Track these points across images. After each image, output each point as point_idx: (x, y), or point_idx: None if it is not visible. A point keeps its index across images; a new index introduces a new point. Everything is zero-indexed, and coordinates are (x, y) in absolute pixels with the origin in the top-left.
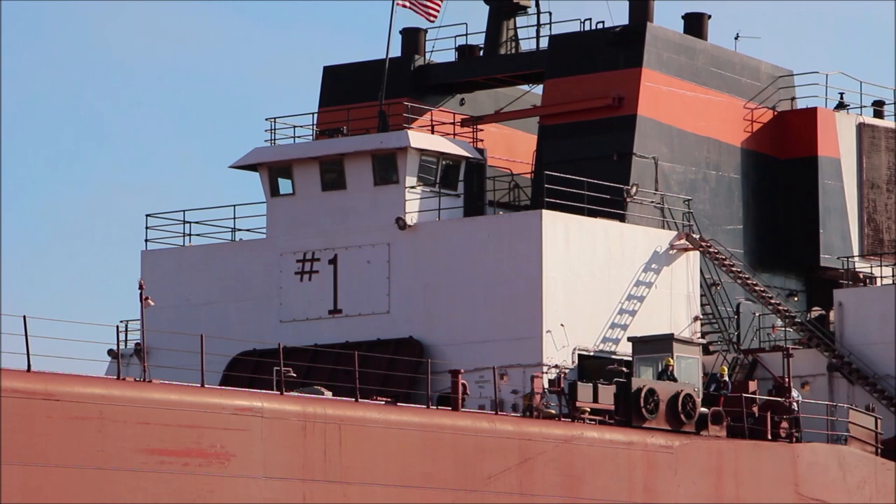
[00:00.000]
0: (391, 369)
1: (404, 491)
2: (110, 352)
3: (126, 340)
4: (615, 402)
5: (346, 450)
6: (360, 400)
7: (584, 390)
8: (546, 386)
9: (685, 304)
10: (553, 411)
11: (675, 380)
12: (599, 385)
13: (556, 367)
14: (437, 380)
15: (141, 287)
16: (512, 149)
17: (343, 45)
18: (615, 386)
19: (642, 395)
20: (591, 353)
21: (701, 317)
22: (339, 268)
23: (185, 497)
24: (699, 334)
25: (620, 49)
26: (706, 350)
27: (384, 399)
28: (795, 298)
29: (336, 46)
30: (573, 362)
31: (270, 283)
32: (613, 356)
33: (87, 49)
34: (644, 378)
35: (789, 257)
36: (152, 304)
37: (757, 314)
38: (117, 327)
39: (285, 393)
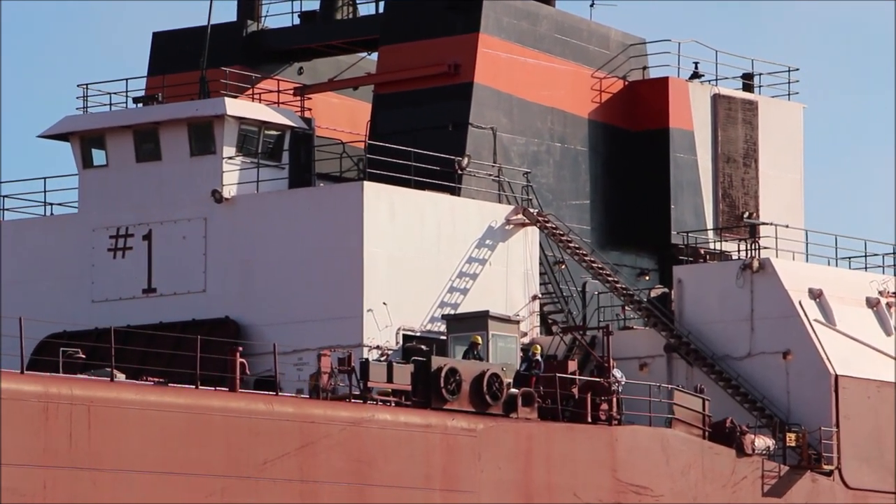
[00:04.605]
0: (206, 351)
1: (166, 478)
2: None
3: None
4: (413, 383)
5: (97, 434)
6: (115, 380)
7: (377, 369)
8: (335, 365)
9: (522, 283)
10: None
11: (481, 359)
12: (395, 364)
13: (378, 347)
14: (255, 362)
15: None
16: (354, 119)
17: (178, 8)
18: (413, 365)
19: (442, 374)
20: (418, 334)
21: (540, 296)
22: (154, 244)
23: None
24: (537, 314)
25: (457, 14)
26: (548, 330)
27: (153, 379)
28: (647, 277)
29: (170, 10)
30: (397, 343)
31: (82, 260)
32: (441, 336)
33: None
34: (456, 358)
35: (640, 234)
36: None
37: (598, 293)
38: None
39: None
